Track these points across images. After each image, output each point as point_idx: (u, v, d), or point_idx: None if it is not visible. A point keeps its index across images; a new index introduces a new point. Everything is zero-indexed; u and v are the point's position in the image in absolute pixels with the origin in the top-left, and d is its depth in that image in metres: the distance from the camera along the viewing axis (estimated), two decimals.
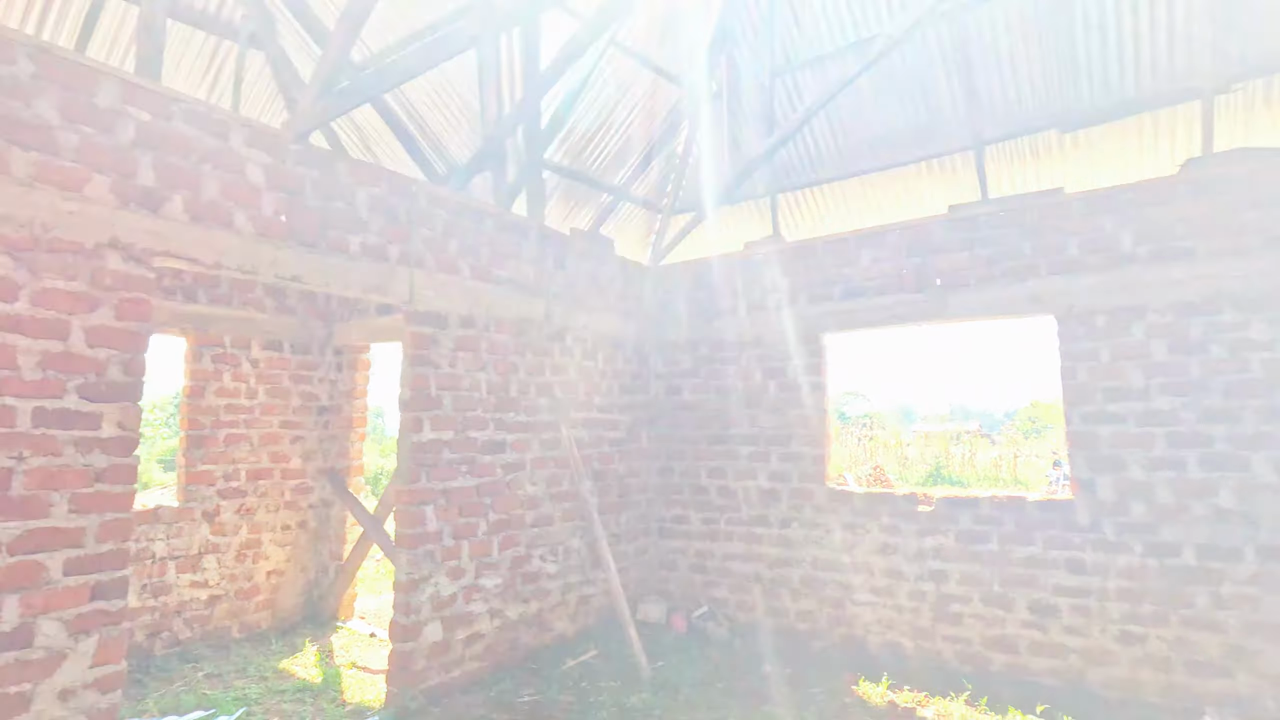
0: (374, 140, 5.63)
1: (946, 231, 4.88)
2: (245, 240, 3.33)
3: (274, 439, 5.64)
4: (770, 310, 5.62)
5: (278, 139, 3.51)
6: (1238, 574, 3.86)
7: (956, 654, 4.64)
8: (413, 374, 4.19)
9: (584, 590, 5.32)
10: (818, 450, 5.32)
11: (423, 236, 4.23)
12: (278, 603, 5.65)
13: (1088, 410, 4.34)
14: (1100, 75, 4.88)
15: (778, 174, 6.39)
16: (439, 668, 4.21)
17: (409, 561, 4.09)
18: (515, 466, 4.80)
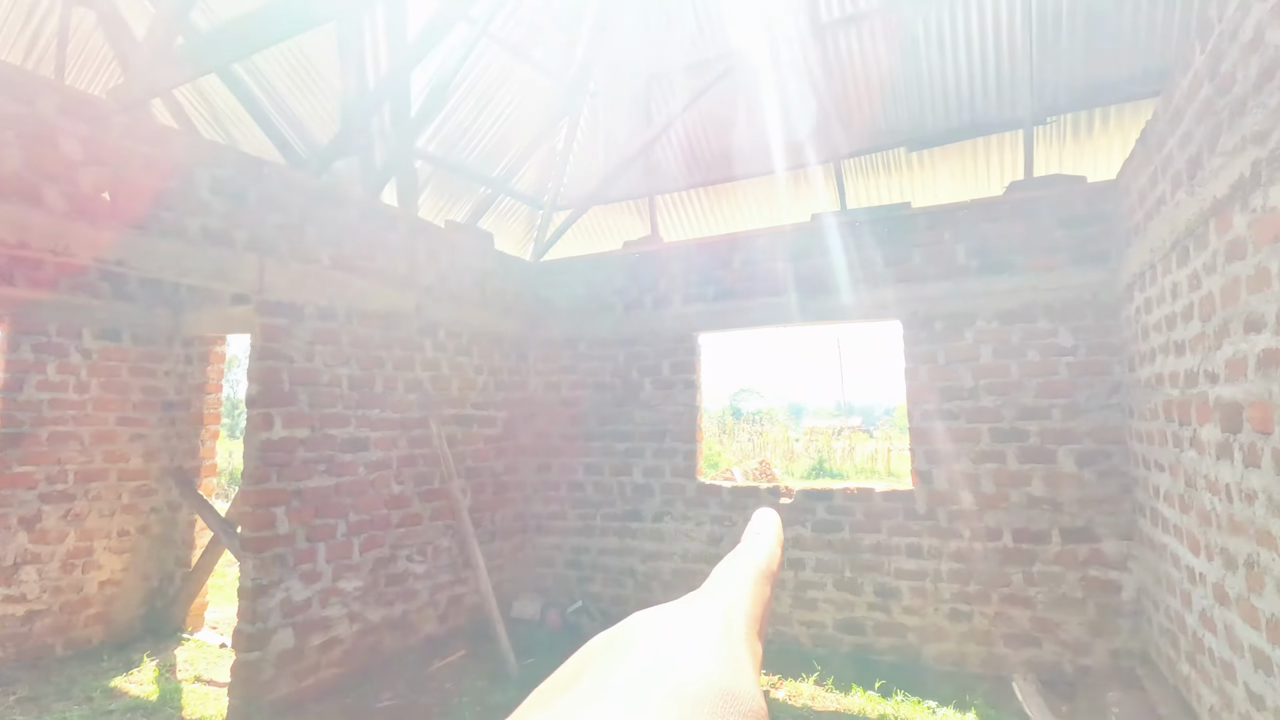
0: (230, 121, 5.25)
1: (809, 238, 5.16)
2: (56, 219, 3.02)
3: (109, 437, 5.16)
4: (647, 309, 5.72)
5: (99, 109, 3.21)
6: (1045, 554, 4.33)
7: (811, 638, 4.92)
8: (262, 368, 3.95)
9: (455, 590, 5.22)
10: (690, 446, 5.48)
11: (275, 222, 3.99)
12: (112, 615, 5.17)
13: (927, 408, 4.72)
14: (941, 101, 5.32)
15: (657, 175, 6.51)
16: (290, 676, 4.00)
17: (256, 566, 3.86)
18: (380, 465, 4.64)
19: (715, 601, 0.32)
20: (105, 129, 3.23)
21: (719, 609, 0.31)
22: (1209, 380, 2.77)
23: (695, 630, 0.29)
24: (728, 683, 0.27)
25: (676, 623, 0.30)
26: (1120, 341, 4.21)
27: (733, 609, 0.32)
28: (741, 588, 0.34)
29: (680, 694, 0.25)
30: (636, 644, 0.28)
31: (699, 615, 0.31)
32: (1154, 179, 3.38)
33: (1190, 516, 3.09)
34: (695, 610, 0.31)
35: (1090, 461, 4.25)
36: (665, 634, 0.29)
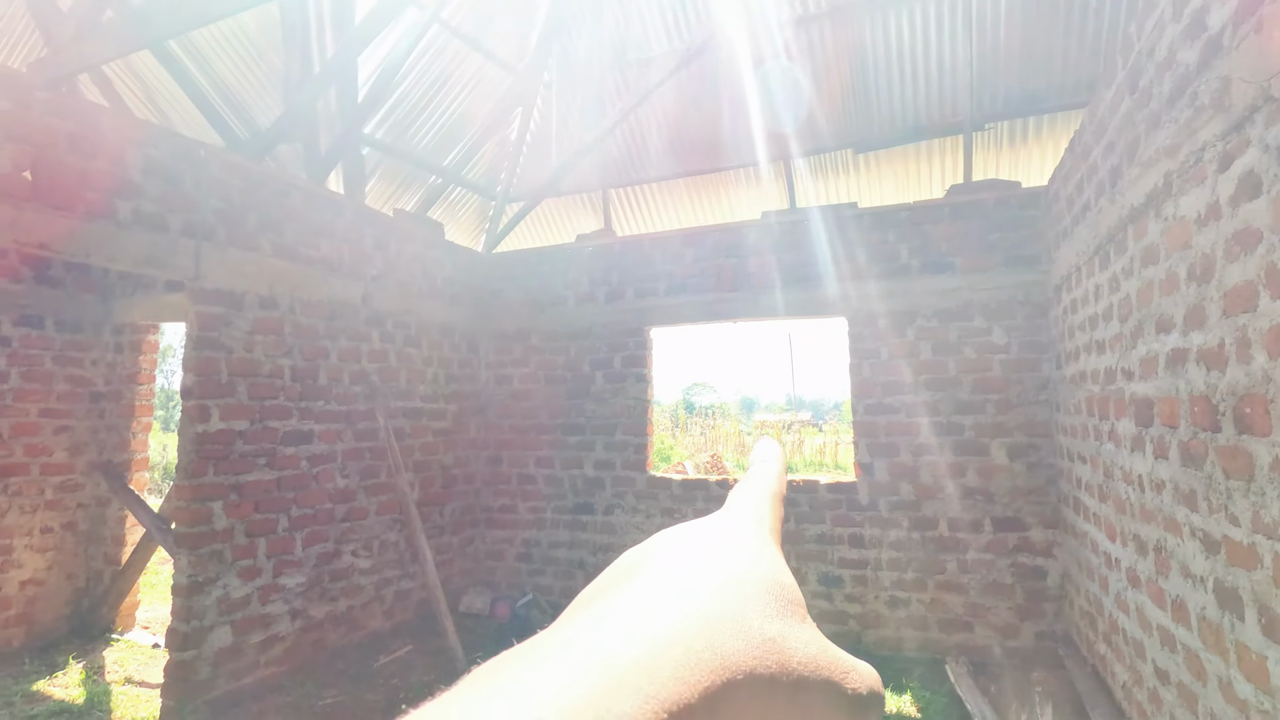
0: (165, 101, 5.03)
1: (759, 235, 5.25)
2: None
3: (31, 429, 4.90)
4: (599, 302, 5.73)
5: (19, 82, 3.04)
6: (978, 542, 4.53)
7: None
8: (198, 358, 3.82)
9: (401, 585, 5.15)
10: (640, 439, 5.52)
11: (213, 207, 3.85)
12: (34, 616, 4.93)
13: (870, 402, 4.87)
14: (886, 106, 5.48)
15: (610, 169, 6.52)
16: (228, 675, 3.89)
17: (190, 563, 3.74)
18: (324, 458, 4.53)
19: (746, 515, 0.33)
20: (27, 104, 3.06)
21: (751, 521, 0.33)
22: (1125, 377, 2.95)
23: (738, 533, 0.31)
24: (776, 572, 0.29)
25: (718, 528, 0.31)
26: (1049, 340, 4.43)
27: (761, 523, 0.33)
28: (762, 505, 0.35)
29: (737, 574, 0.27)
30: (682, 545, 0.29)
31: (736, 524, 0.32)
32: (1080, 186, 3.56)
33: (1108, 505, 3.28)
34: (731, 520, 0.32)
35: (1020, 454, 4.46)
36: (711, 536, 0.30)
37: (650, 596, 0.25)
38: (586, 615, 0.25)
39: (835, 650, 0.28)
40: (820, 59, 5.43)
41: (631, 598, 0.25)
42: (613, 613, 0.24)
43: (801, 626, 0.27)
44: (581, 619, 0.24)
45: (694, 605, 0.24)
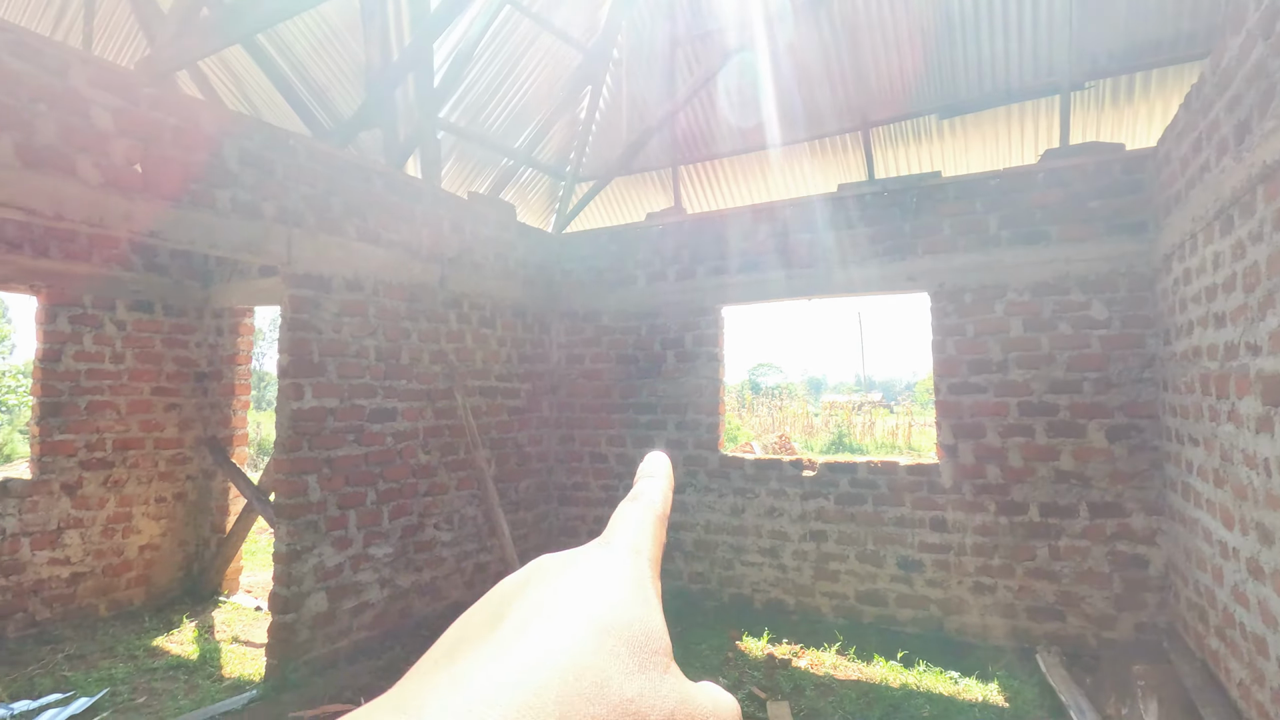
0: (253, 92, 5.26)
1: (835, 209, 5.08)
2: (91, 190, 3.07)
3: (145, 406, 5.29)
4: (670, 281, 5.70)
5: (129, 80, 3.23)
6: (1073, 528, 4.30)
7: (833, 608, 4.96)
8: (292, 339, 4.01)
9: (480, 558, 5.33)
10: (712, 419, 5.48)
11: (302, 194, 4.02)
12: (152, 578, 5.36)
13: (954, 381, 4.67)
14: (975, 67, 5.16)
15: (680, 146, 6.42)
16: (324, 638, 4.13)
17: (289, 532, 3.96)
18: (407, 435, 4.71)
19: (622, 546, 0.33)
20: (135, 101, 3.25)
21: (626, 553, 0.33)
22: (1250, 352, 2.70)
23: (608, 572, 0.31)
24: (641, 618, 0.28)
25: (590, 564, 0.31)
26: (1155, 314, 4.11)
27: (639, 554, 0.33)
28: (644, 533, 0.35)
29: (601, 626, 0.26)
30: (553, 583, 0.29)
31: (610, 558, 0.32)
32: (1198, 145, 3.26)
33: (1225, 491, 3.04)
34: (606, 554, 0.32)
35: (1121, 436, 4.19)
36: (581, 574, 0.30)
37: (508, 656, 0.24)
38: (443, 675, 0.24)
39: (697, 697, 0.28)
40: (903, 20, 5.15)
41: (490, 658, 0.25)
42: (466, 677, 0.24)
43: (663, 679, 0.27)
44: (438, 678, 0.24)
45: (552, 669, 0.24)
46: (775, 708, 3.69)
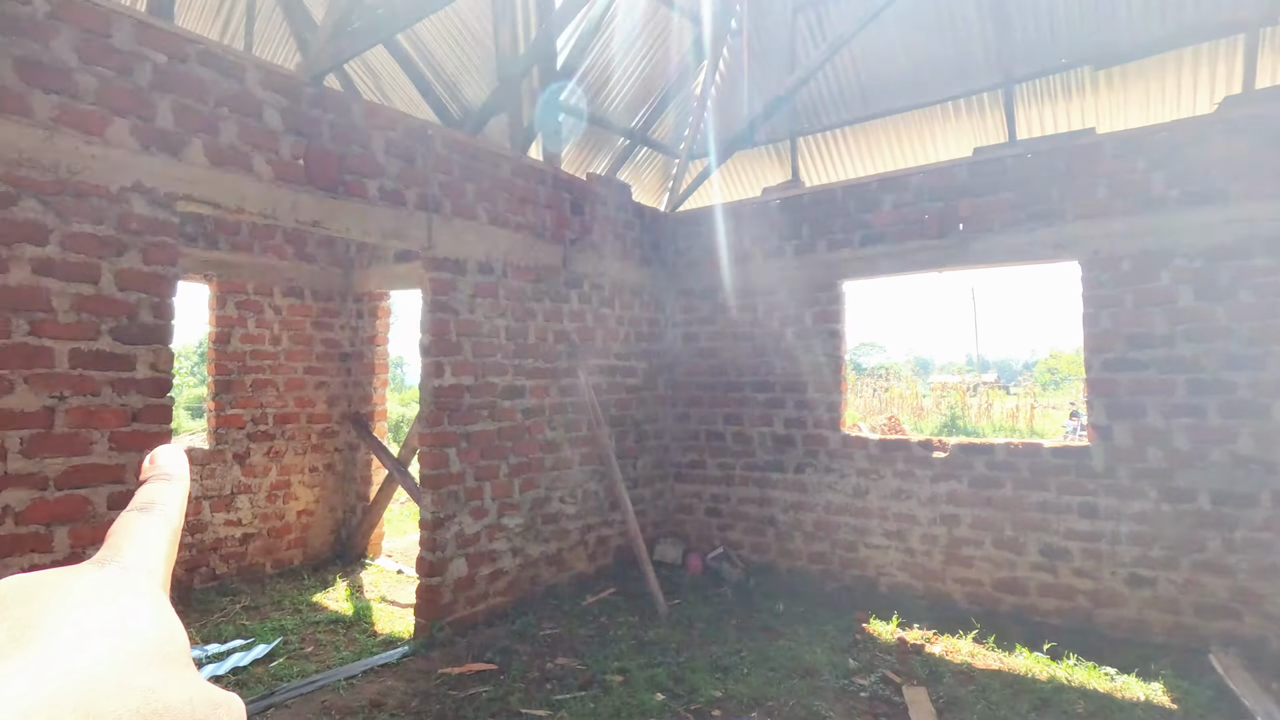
0: (388, 83, 5.55)
1: (971, 175, 4.77)
2: (265, 184, 3.34)
3: (299, 384, 5.77)
4: (788, 257, 5.57)
5: (293, 81, 3.48)
6: (1252, 519, 3.88)
7: (966, 595, 4.74)
8: (433, 320, 4.24)
9: (602, 531, 5.47)
10: (833, 397, 5.34)
11: (439, 181, 4.21)
12: (308, 541, 5.87)
13: (1109, 357, 4.30)
14: (1139, 8, 4.65)
15: (798, 116, 6.22)
16: (464, 601, 4.39)
17: (433, 501, 4.22)
18: (534, 412, 4.88)
19: (132, 566, 0.30)
20: (298, 100, 3.50)
21: (137, 572, 0.29)
22: None
23: (119, 589, 0.28)
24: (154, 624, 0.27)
25: (93, 581, 0.27)
26: None
27: (151, 576, 0.30)
28: (157, 553, 0.31)
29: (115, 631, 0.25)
30: (46, 600, 0.26)
31: (116, 579, 0.28)
32: None
33: None
34: (113, 574, 0.28)
35: None
36: (83, 590, 0.27)
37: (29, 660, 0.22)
38: None
39: (214, 689, 0.27)
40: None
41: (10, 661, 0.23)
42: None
43: (183, 671, 0.26)
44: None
45: (66, 673, 0.22)
46: (912, 693, 3.59)
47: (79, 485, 2.78)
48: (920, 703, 3.48)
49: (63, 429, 2.74)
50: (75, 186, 2.76)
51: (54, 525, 2.72)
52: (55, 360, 2.72)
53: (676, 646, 4.21)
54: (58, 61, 2.70)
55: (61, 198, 2.73)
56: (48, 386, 2.70)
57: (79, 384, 2.78)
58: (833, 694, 3.62)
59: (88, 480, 2.81)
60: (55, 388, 2.72)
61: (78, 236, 2.78)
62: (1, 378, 2.60)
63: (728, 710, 3.44)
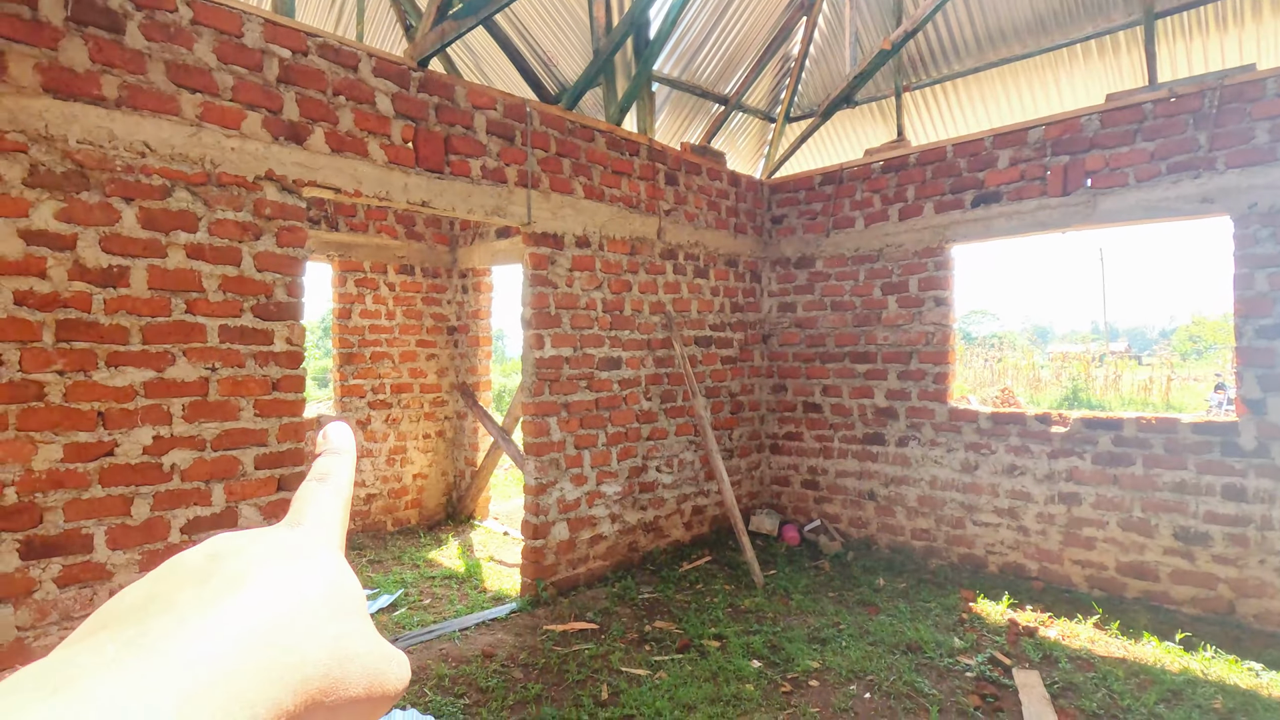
0: (485, 62, 5.70)
1: (1103, 124, 4.35)
2: (379, 168, 3.55)
3: (411, 356, 6.14)
4: (892, 221, 5.31)
5: (401, 67, 3.65)
6: None
7: (1086, 579, 4.46)
8: (533, 293, 4.38)
9: (698, 501, 5.54)
10: (940, 368, 5.10)
11: (538, 157, 4.31)
12: (423, 502, 6.30)
13: (1265, 323, 3.85)
14: None
15: (904, 70, 5.86)
16: (566, 564, 4.58)
17: (537, 468, 4.41)
18: (631, 382, 4.97)
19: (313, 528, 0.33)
20: (406, 84, 3.67)
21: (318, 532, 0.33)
22: None
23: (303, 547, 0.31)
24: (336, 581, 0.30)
25: (284, 541, 0.31)
26: None
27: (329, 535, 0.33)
28: (333, 519, 0.34)
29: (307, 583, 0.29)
30: (251, 555, 0.29)
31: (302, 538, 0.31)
32: None
33: None
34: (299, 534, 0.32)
35: None
36: (277, 548, 0.30)
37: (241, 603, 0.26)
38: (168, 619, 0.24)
39: (383, 645, 0.30)
40: None
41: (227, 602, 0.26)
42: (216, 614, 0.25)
43: (363, 624, 0.30)
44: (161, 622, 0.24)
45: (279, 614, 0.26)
46: (1024, 675, 3.44)
47: (230, 447, 3.12)
48: (1032, 686, 3.33)
49: (215, 397, 3.07)
50: (218, 177, 3.04)
51: (211, 482, 3.06)
52: (207, 335, 3.04)
53: (773, 616, 4.23)
54: (200, 63, 2.97)
55: (207, 188, 3.02)
56: (202, 359, 3.02)
57: (227, 357, 3.10)
58: (936, 672, 3.53)
59: (238, 443, 3.14)
60: (208, 360, 3.04)
61: (222, 223, 3.06)
62: (165, 351, 2.93)
63: (826, 681, 3.43)
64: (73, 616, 2.72)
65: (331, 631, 0.28)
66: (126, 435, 2.82)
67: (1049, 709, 3.12)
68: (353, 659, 0.28)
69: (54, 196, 2.65)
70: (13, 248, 2.57)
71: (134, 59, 2.80)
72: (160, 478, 2.91)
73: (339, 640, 0.28)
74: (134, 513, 2.85)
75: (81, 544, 2.73)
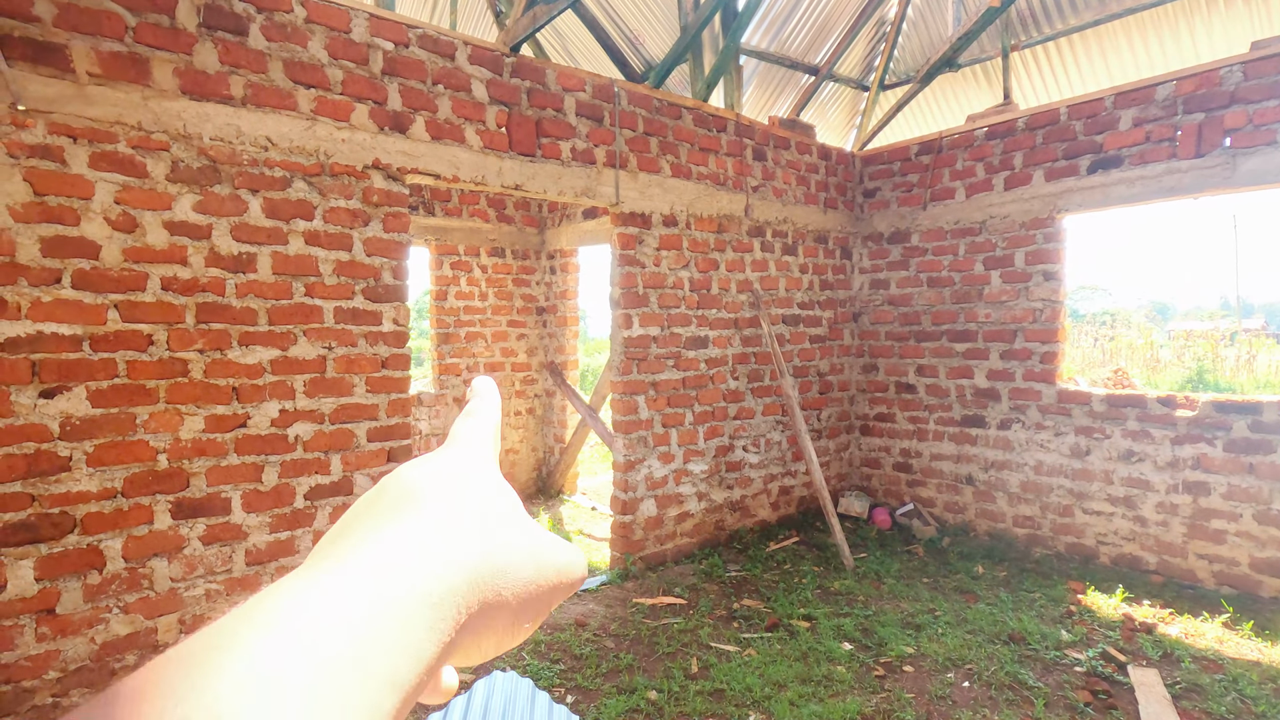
0: (572, 44, 5.75)
1: (1246, 76, 3.92)
2: (475, 154, 3.67)
3: (503, 336, 6.35)
4: (996, 191, 5.01)
5: (494, 53, 3.74)
6: None
7: (1214, 574, 4.13)
8: (621, 273, 4.42)
9: (784, 481, 5.48)
10: (1048, 347, 4.80)
11: (625, 137, 4.33)
12: (516, 476, 6.54)
13: None
14: None
15: (1013, 28, 5.47)
16: (654, 540, 4.66)
17: (625, 445, 4.49)
18: (718, 362, 4.96)
19: (473, 445, 0.37)
20: (499, 71, 3.76)
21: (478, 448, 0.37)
22: None
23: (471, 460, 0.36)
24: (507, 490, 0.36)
25: (460, 458, 0.35)
26: None
27: (485, 448, 0.38)
28: (486, 437, 0.39)
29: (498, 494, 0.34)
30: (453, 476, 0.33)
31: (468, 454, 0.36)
32: None
33: None
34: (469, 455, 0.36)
35: None
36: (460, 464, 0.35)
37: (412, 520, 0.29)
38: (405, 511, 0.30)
39: (551, 539, 0.35)
40: None
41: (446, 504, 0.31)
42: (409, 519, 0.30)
43: (526, 523, 0.34)
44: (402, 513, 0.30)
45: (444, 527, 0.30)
46: (1141, 673, 3.24)
47: (345, 421, 3.34)
48: (1150, 685, 3.13)
49: (332, 374, 3.29)
50: (330, 168, 3.23)
51: (330, 453, 3.30)
52: (324, 317, 3.26)
53: (864, 599, 4.15)
54: (314, 59, 3.15)
55: (321, 178, 3.21)
56: (320, 338, 3.25)
57: (341, 336, 3.31)
58: (1042, 665, 3.37)
59: (352, 417, 3.36)
60: (325, 339, 3.27)
61: (335, 211, 3.26)
62: (288, 331, 3.17)
63: (921, 668, 3.35)
64: (215, 571, 3.02)
65: (493, 535, 0.31)
66: (257, 409, 3.08)
67: (1170, 710, 2.93)
68: (516, 554, 0.31)
69: (191, 190, 2.90)
70: (159, 238, 2.83)
71: (257, 59, 3.01)
72: (286, 448, 3.17)
73: (500, 542, 0.31)
74: (264, 479, 3.12)
75: (221, 506, 3.02)
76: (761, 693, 3.10)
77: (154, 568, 2.87)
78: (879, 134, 6.21)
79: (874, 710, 2.99)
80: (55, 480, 2.65)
